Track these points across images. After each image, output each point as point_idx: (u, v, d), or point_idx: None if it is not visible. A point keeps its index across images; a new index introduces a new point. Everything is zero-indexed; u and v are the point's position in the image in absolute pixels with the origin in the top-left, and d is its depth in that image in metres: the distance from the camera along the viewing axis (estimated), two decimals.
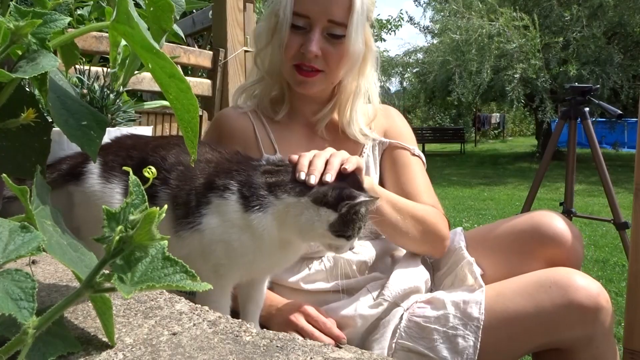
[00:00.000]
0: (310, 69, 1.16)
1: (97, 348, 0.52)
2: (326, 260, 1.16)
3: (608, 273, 3.63)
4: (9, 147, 0.60)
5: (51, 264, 0.80)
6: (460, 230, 1.27)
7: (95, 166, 0.89)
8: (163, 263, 0.45)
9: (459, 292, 1.09)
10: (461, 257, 1.17)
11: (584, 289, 0.99)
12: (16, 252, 0.43)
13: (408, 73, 14.49)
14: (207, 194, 0.84)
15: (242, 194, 0.83)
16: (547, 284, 1.01)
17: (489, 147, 19.85)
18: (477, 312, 1.02)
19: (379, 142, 1.28)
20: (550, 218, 1.14)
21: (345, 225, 0.81)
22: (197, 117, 0.58)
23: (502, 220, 1.25)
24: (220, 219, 0.83)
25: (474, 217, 5.93)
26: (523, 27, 10.15)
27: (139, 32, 0.54)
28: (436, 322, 1.04)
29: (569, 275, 1.02)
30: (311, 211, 0.81)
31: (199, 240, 0.84)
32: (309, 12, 1.13)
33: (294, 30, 1.15)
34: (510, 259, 1.15)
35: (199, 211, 0.84)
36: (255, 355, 0.51)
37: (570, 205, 2.87)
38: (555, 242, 1.12)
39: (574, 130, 2.80)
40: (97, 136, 0.61)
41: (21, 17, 0.53)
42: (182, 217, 0.85)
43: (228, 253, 0.84)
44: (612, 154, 13.33)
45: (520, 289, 1.04)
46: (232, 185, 0.84)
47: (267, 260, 0.90)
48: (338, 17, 1.13)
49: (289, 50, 1.16)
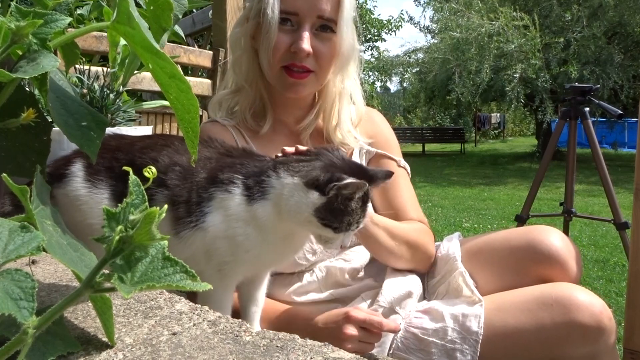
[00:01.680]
0: (301, 69, 1.12)
1: (97, 348, 0.52)
2: (318, 271, 1.14)
3: (608, 273, 3.63)
4: (9, 147, 0.60)
5: (51, 264, 0.80)
6: (457, 238, 1.25)
7: (79, 168, 0.86)
8: (163, 263, 0.45)
9: (457, 304, 1.07)
10: (454, 267, 1.15)
11: (586, 308, 0.96)
12: (16, 252, 0.43)
13: (408, 73, 14.50)
14: (210, 189, 0.82)
15: (246, 185, 0.82)
16: (549, 301, 0.99)
17: (489, 147, 19.85)
18: (476, 326, 1.01)
19: (366, 150, 1.25)
20: (547, 235, 1.11)
21: (332, 213, 0.78)
22: (198, 117, 0.58)
23: (499, 232, 1.23)
24: (224, 213, 0.81)
25: (474, 217, 5.92)
26: (523, 26, 10.15)
27: (140, 32, 0.54)
28: (434, 335, 1.02)
29: (571, 293, 0.99)
30: (301, 193, 0.79)
31: (202, 239, 0.82)
32: (297, 8, 1.09)
33: (281, 29, 1.09)
34: (505, 274, 1.13)
35: (201, 209, 0.82)
36: (255, 355, 0.51)
37: (570, 205, 2.87)
38: (551, 261, 1.09)
39: (574, 130, 2.80)
40: (97, 136, 0.61)
41: (22, 17, 0.53)
42: (184, 217, 0.83)
43: (233, 249, 0.82)
44: (612, 154, 13.33)
45: (521, 304, 1.02)
46: (236, 178, 0.82)
47: (271, 254, 0.88)
48: (327, 13, 1.09)
49: (277, 50, 1.10)
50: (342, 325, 0.95)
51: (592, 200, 6.84)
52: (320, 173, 0.79)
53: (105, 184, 0.85)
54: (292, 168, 0.82)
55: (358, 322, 0.95)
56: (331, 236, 0.83)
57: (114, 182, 0.85)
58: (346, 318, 0.95)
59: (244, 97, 1.20)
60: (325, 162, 0.83)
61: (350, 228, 0.82)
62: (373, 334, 0.96)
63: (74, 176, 0.86)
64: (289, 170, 0.81)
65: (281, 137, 1.21)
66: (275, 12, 1.07)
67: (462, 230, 5.17)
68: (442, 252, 1.22)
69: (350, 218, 0.81)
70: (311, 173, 0.80)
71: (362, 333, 0.95)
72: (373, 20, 17.78)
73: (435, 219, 5.86)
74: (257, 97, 1.20)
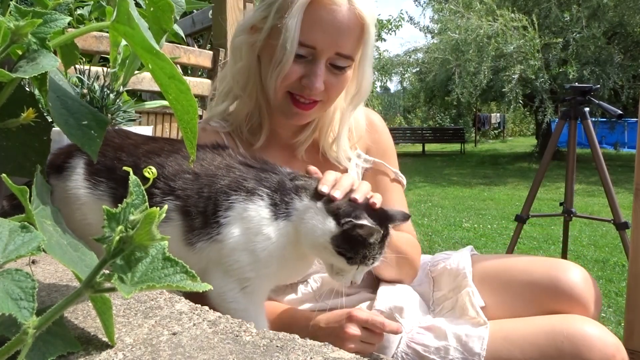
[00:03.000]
0: (308, 101, 1.07)
1: (97, 348, 0.52)
2: (312, 282, 1.13)
3: (608, 273, 3.63)
4: (9, 147, 0.60)
5: (51, 264, 0.80)
6: (469, 252, 1.23)
7: (80, 164, 0.85)
8: (163, 263, 0.45)
9: (461, 324, 1.06)
10: (464, 283, 1.13)
11: (598, 349, 0.93)
12: (16, 252, 0.43)
13: (408, 73, 14.50)
14: (230, 200, 0.80)
15: (272, 201, 0.81)
16: (560, 337, 0.96)
17: (489, 147, 19.85)
18: (479, 347, 0.99)
19: (363, 159, 1.21)
20: (570, 274, 1.08)
21: (348, 243, 0.79)
22: (197, 118, 0.58)
23: (519, 259, 1.20)
24: (245, 226, 0.80)
25: (474, 217, 5.92)
26: (522, 27, 10.15)
27: (140, 32, 0.54)
28: (436, 353, 1.01)
29: (584, 331, 0.96)
30: (320, 217, 0.80)
31: (218, 251, 0.80)
32: (316, 43, 1.01)
33: (296, 59, 1.02)
34: (519, 304, 1.10)
35: (217, 220, 0.80)
36: (255, 355, 0.51)
37: (570, 205, 2.87)
38: (572, 301, 1.06)
39: (574, 130, 2.80)
40: (98, 136, 0.61)
41: (21, 16, 0.53)
42: (200, 228, 0.81)
43: (253, 264, 0.80)
44: (612, 154, 13.34)
45: (530, 337, 1.00)
46: (262, 191, 0.81)
47: (288, 271, 0.87)
48: (346, 50, 1.03)
49: (287, 79, 1.04)
50: (345, 325, 0.94)
51: (592, 200, 6.84)
52: (343, 204, 0.80)
53: (106, 185, 0.84)
54: (316, 193, 0.82)
55: (360, 322, 0.94)
56: (343, 267, 0.83)
57: (115, 185, 0.84)
58: (348, 318, 0.95)
59: (241, 107, 1.16)
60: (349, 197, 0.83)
61: (365, 262, 0.82)
62: (375, 334, 0.95)
63: (76, 173, 0.85)
64: (314, 194, 0.82)
65: (276, 149, 1.17)
66: (295, 45, 1.00)
67: (462, 230, 5.17)
68: (451, 265, 1.19)
69: (366, 252, 0.81)
70: (335, 202, 0.81)
71: (365, 333, 0.94)
72: None
73: (435, 219, 5.86)
74: (255, 108, 1.15)
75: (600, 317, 2.44)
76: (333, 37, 1.01)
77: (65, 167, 0.86)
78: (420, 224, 5.44)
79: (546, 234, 4.90)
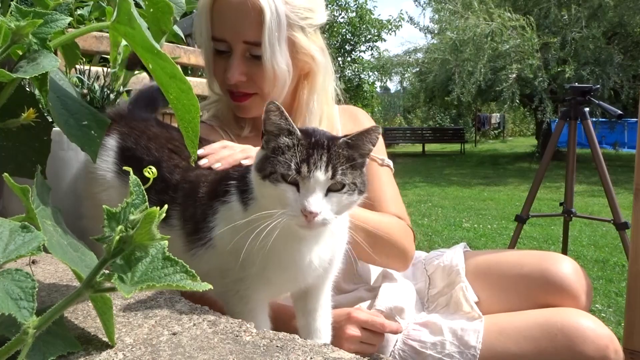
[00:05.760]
0: (240, 93, 1.10)
1: (97, 348, 0.52)
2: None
3: (608, 273, 3.63)
4: (9, 147, 0.60)
5: (51, 264, 0.80)
6: (462, 248, 1.24)
7: (114, 146, 0.86)
8: (163, 263, 0.45)
9: (456, 319, 1.07)
10: (457, 279, 1.14)
11: (592, 341, 0.94)
12: (16, 251, 0.43)
13: (408, 73, 14.50)
14: (212, 203, 0.78)
15: (240, 190, 0.77)
16: (554, 330, 0.97)
17: (489, 147, 19.85)
18: (475, 340, 1.00)
19: None
20: (560, 266, 1.09)
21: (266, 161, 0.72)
22: (198, 118, 0.58)
23: (510, 253, 1.21)
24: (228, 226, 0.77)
25: (474, 217, 5.92)
26: (520, 27, 10.15)
27: (140, 32, 0.54)
28: (432, 348, 1.02)
29: (578, 323, 0.97)
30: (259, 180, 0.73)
31: (217, 257, 0.79)
32: (224, 35, 1.06)
33: (218, 55, 1.08)
34: (512, 298, 1.12)
35: (207, 225, 0.78)
36: (255, 355, 0.51)
37: (570, 206, 2.87)
38: (562, 292, 1.07)
39: (574, 130, 2.80)
40: (98, 136, 0.61)
41: (22, 17, 0.53)
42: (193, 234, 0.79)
43: (241, 263, 0.76)
44: (612, 154, 13.33)
45: (524, 330, 1.00)
46: (232, 185, 0.79)
47: (276, 270, 0.80)
48: (252, 37, 1.04)
49: (217, 76, 1.10)
50: (344, 325, 0.94)
51: (592, 200, 6.84)
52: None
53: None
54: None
55: (360, 322, 0.94)
56: (283, 189, 0.70)
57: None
58: (348, 318, 0.94)
59: (224, 105, 1.20)
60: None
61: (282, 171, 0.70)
62: (375, 335, 0.95)
63: (107, 152, 0.87)
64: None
65: (260, 136, 1.19)
66: (206, 40, 1.07)
67: (462, 230, 5.17)
68: (444, 262, 1.20)
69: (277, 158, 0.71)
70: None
71: (365, 334, 0.94)
72: (373, 21, 17.76)
73: (435, 219, 5.86)
74: (224, 104, 1.19)
75: (601, 317, 2.44)
76: (235, 26, 1.05)
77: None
78: (420, 224, 5.44)
79: (546, 234, 4.90)
